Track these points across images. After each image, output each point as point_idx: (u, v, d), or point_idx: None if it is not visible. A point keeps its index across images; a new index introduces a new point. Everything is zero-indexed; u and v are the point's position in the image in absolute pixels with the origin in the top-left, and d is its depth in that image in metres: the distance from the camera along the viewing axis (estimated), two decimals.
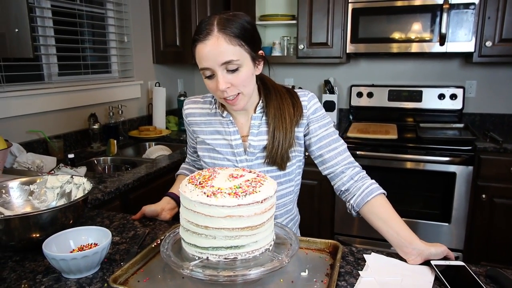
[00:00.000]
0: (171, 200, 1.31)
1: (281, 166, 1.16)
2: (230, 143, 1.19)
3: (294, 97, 1.18)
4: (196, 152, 1.36)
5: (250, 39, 1.05)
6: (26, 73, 2.14)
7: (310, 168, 1.28)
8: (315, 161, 1.22)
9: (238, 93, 1.07)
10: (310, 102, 1.18)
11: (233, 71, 1.03)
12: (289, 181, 1.21)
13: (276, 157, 1.14)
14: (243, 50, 1.03)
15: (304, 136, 1.20)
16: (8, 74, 1.97)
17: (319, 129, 1.18)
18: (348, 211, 1.18)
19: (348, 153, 1.20)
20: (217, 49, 1.00)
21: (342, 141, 1.21)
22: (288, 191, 1.23)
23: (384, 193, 1.13)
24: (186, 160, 1.46)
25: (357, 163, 1.20)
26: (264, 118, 1.18)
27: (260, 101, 1.18)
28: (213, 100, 1.23)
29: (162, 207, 1.28)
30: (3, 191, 1.22)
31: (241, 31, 1.02)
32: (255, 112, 1.18)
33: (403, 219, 1.07)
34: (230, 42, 1.01)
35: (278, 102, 1.16)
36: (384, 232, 1.07)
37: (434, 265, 0.94)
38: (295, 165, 1.21)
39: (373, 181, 1.16)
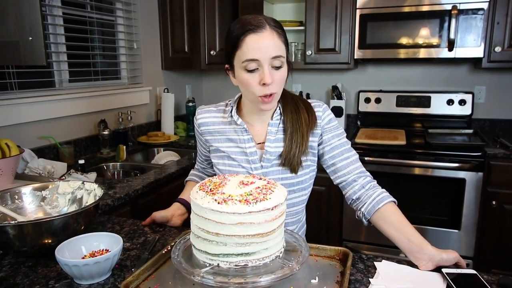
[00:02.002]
0: (181, 206, 1.32)
1: (295, 169, 1.17)
2: (244, 151, 1.19)
3: (308, 105, 1.20)
4: (206, 160, 1.37)
5: (288, 43, 1.11)
6: (37, 79, 2.17)
7: (319, 174, 1.29)
8: (328, 170, 1.23)
9: (274, 93, 1.08)
10: (324, 113, 1.21)
11: (277, 68, 1.06)
12: (302, 189, 1.22)
13: (292, 160, 1.15)
14: (285, 51, 1.09)
15: (318, 145, 1.21)
16: (20, 81, 2.00)
17: (332, 139, 1.20)
18: (358, 218, 1.18)
19: (360, 163, 1.21)
20: (271, 42, 1.03)
21: (354, 151, 1.23)
22: (300, 200, 1.23)
23: (394, 201, 1.13)
24: (196, 167, 1.46)
25: (368, 173, 1.21)
26: (281, 125, 1.19)
27: (278, 108, 1.20)
28: (227, 109, 1.23)
29: (172, 213, 1.29)
30: (16, 196, 1.24)
31: (284, 32, 1.09)
32: (272, 119, 1.19)
33: (412, 225, 1.07)
34: (280, 39, 1.06)
35: (294, 108, 1.18)
36: (395, 238, 1.07)
37: (446, 273, 0.94)
38: (309, 174, 1.22)
39: (384, 190, 1.17)
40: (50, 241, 1.04)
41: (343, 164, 1.19)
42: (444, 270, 0.95)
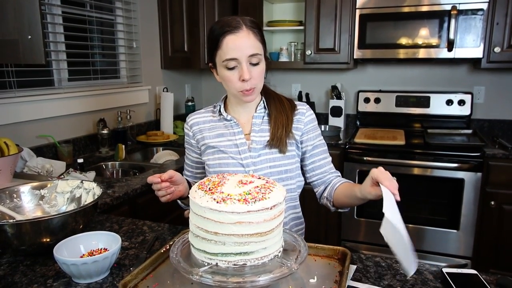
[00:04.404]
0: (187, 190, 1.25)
1: (283, 150, 1.24)
2: (235, 143, 1.26)
3: (289, 98, 1.32)
4: (196, 165, 1.38)
5: (265, 41, 1.20)
6: (36, 78, 2.17)
7: None
8: (306, 168, 1.32)
9: (254, 87, 1.17)
10: (308, 111, 1.31)
11: (255, 64, 1.15)
12: (290, 178, 1.27)
13: (280, 140, 1.23)
14: (262, 48, 1.18)
15: (301, 142, 1.29)
16: (19, 79, 2.00)
17: (315, 138, 1.31)
18: (326, 206, 1.28)
19: (332, 164, 1.34)
20: (247, 41, 1.13)
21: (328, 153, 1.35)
22: (290, 188, 1.27)
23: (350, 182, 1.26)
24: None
25: (339, 173, 1.34)
26: (265, 117, 1.28)
27: (262, 101, 1.29)
28: (215, 109, 1.32)
29: (185, 186, 1.22)
30: (15, 195, 1.24)
31: (260, 31, 1.18)
32: (256, 111, 1.28)
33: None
34: (256, 37, 1.15)
35: (277, 99, 1.30)
36: (352, 203, 1.19)
37: (446, 272, 0.94)
38: (294, 165, 1.28)
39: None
40: (48, 240, 1.04)
41: (322, 163, 1.30)
42: (445, 270, 0.95)
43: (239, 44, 1.12)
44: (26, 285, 0.94)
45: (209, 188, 0.88)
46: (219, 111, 1.30)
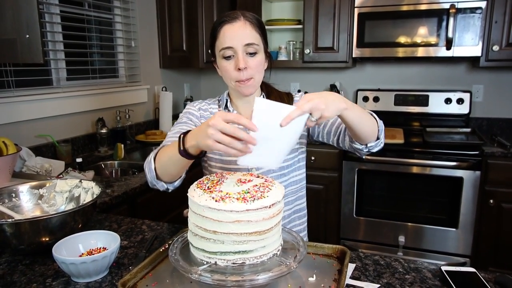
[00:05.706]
0: None
1: None
2: None
3: (288, 93, 1.34)
4: None
5: (265, 34, 1.21)
6: (35, 78, 2.17)
7: (316, 172, 1.30)
8: (330, 141, 1.24)
9: (251, 78, 1.16)
10: (301, 97, 1.27)
11: (252, 54, 1.15)
12: (293, 170, 1.27)
13: None
14: (261, 39, 1.18)
15: (308, 129, 1.27)
16: (17, 79, 1.99)
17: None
18: (354, 149, 1.16)
19: None
20: (244, 30, 1.14)
21: None
22: (294, 180, 1.29)
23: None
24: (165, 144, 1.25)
25: None
26: None
27: (262, 96, 1.29)
28: (220, 103, 1.32)
29: None
30: (13, 195, 1.24)
31: (260, 24, 1.19)
32: None
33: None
34: (253, 28, 1.16)
35: (278, 95, 1.30)
36: (356, 124, 1.04)
37: (445, 270, 0.94)
38: (297, 157, 1.29)
39: None
40: (47, 239, 1.04)
41: (334, 127, 1.21)
42: (444, 268, 0.95)
43: (235, 32, 1.13)
44: (25, 285, 0.94)
45: (208, 187, 0.88)
46: (226, 105, 1.29)
